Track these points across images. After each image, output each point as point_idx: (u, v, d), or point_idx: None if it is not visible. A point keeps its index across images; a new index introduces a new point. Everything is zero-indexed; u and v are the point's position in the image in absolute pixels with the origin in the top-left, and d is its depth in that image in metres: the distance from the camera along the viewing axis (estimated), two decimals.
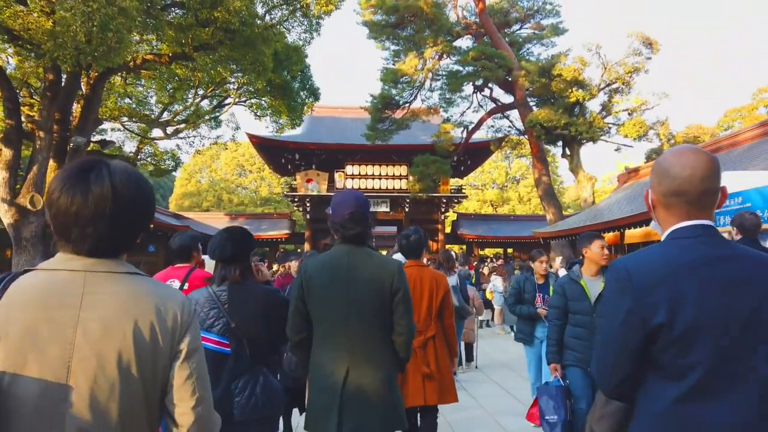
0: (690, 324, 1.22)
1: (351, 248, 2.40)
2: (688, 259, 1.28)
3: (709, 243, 1.30)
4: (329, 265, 2.38)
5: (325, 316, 2.34)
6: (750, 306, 1.23)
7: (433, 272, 3.81)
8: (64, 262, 1.13)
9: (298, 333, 2.40)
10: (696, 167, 1.32)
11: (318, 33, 15.82)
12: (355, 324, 2.30)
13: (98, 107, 12.45)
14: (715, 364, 1.21)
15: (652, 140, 17.51)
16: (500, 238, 29.95)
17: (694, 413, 1.22)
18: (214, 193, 49.12)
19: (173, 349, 1.16)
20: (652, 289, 1.26)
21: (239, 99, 19.06)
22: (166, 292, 1.21)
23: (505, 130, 23.50)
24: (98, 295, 1.11)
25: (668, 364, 1.25)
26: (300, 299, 2.37)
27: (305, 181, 26.65)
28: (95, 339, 1.07)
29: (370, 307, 2.32)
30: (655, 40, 15.84)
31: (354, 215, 2.38)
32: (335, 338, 2.32)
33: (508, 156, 52.31)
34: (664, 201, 1.36)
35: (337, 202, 2.46)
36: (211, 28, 10.67)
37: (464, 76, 19.83)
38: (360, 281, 2.33)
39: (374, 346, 2.33)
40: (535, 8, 21.65)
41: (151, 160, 22.03)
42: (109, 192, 1.11)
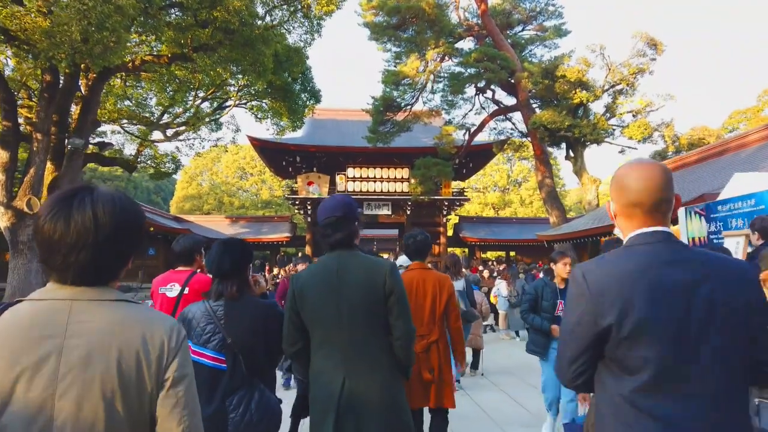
0: (637, 324, 1.32)
1: (340, 253, 2.35)
2: (640, 265, 1.38)
3: (662, 248, 1.40)
4: (319, 273, 2.33)
5: (318, 324, 2.29)
6: (698, 307, 1.32)
7: (436, 274, 3.70)
8: (51, 292, 1.14)
9: (293, 344, 2.36)
10: (650, 179, 1.42)
11: (319, 34, 15.69)
12: (348, 330, 2.23)
13: (97, 109, 12.31)
14: (665, 361, 1.31)
15: (656, 142, 17.34)
16: (502, 241, 29.74)
17: (647, 406, 1.32)
18: (215, 196, 49.01)
19: (159, 377, 1.14)
20: (604, 293, 1.37)
21: (240, 101, 18.92)
22: (152, 318, 1.19)
23: (508, 133, 23.36)
24: (83, 324, 1.10)
25: (622, 359, 1.36)
26: (293, 309, 2.32)
27: (306, 184, 26.51)
28: (78, 369, 1.07)
29: (363, 312, 2.24)
30: (659, 41, 15.67)
31: (330, 221, 2.34)
32: (329, 346, 2.26)
33: (509, 159, 52.30)
34: (624, 211, 1.48)
35: (319, 210, 2.43)
36: (210, 28, 10.54)
37: (466, 77, 19.68)
38: (350, 285, 2.26)
39: (370, 352, 2.26)
40: (537, 9, 21.53)
41: (151, 162, 21.89)
42: (90, 221, 1.11)
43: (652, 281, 1.35)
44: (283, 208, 44.01)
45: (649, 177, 1.43)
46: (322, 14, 14.68)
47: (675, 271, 1.35)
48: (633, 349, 1.34)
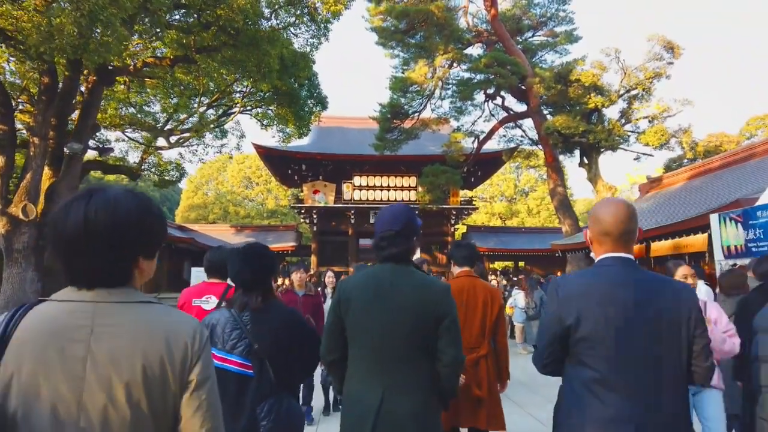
0: (592, 329, 1.72)
1: (393, 267, 2.23)
2: (600, 282, 1.78)
3: (620, 271, 1.78)
4: (369, 284, 2.22)
5: (360, 337, 2.19)
6: (643, 320, 1.69)
7: (486, 284, 3.53)
8: (75, 293, 1.15)
9: (332, 352, 2.28)
10: (617, 215, 1.81)
11: (326, 38, 15.30)
12: (391, 348, 2.12)
13: (96, 113, 11.92)
14: (613, 360, 1.68)
15: (673, 149, 16.78)
16: (512, 251, 29.17)
17: (598, 393, 1.69)
18: (220, 206, 48.82)
19: (183, 380, 1.15)
20: (569, 300, 1.79)
21: (245, 107, 18.55)
22: (176, 320, 1.19)
23: (518, 140, 22.89)
24: (108, 327, 1.11)
25: (579, 355, 1.75)
26: (337, 317, 2.24)
27: (312, 193, 26.11)
28: (104, 373, 1.07)
29: (410, 331, 2.12)
30: (677, 44, 15.19)
31: (388, 235, 2.24)
32: (369, 361, 2.17)
33: (516, 168, 51.92)
34: (597, 238, 1.87)
35: (377, 220, 2.34)
36: (213, 28, 10.15)
37: (476, 83, 19.25)
38: (400, 302, 2.14)
39: (413, 374, 2.13)
40: (548, 15, 21.13)
41: (155, 170, 21.56)
42: (80, 224, 1.11)
43: (606, 297, 1.73)
44: (289, 217, 43.68)
45: (616, 213, 1.82)
46: (329, 16, 14.31)
47: (626, 291, 1.72)
48: (588, 347, 1.72)
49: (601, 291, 1.74)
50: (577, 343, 1.74)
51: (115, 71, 11.46)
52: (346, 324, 2.21)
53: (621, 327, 1.68)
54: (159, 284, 22.48)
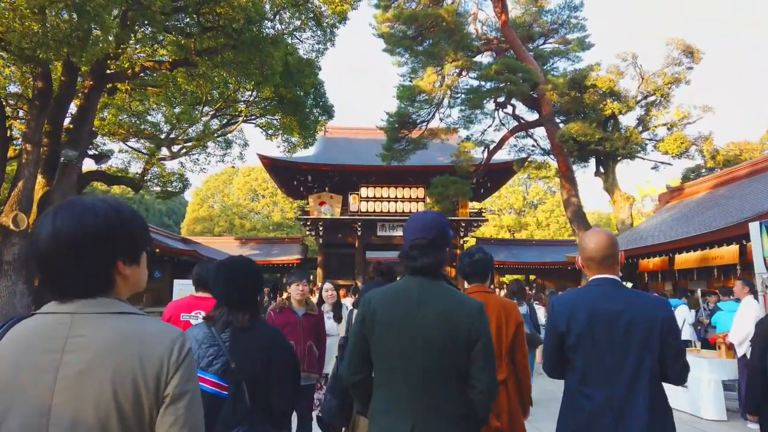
0: (578, 336, 2.15)
1: (423, 281, 2.05)
2: (587, 298, 2.22)
3: (605, 289, 2.22)
4: (397, 300, 2.05)
5: (386, 357, 2.02)
6: (621, 329, 2.10)
7: (501, 300, 3.10)
8: (56, 305, 1.13)
9: (356, 373, 2.10)
10: (598, 243, 2.27)
11: (332, 44, 14.87)
12: (421, 371, 1.94)
13: (93, 119, 11.47)
14: (596, 363, 2.11)
15: (693, 157, 16.08)
16: (523, 264, 28.45)
17: (584, 391, 2.13)
18: (226, 219, 48.50)
19: (158, 395, 1.08)
20: (561, 313, 2.25)
21: (249, 116, 18.12)
22: (153, 331, 1.13)
23: (529, 150, 22.30)
24: (80, 338, 1.08)
25: (572, 360, 2.19)
26: (361, 335, 2.06)
27: (318, 204, 25.60)
28: (73, 386, 1.04)
29: (441, 355, 1.94)
30: (696, 48, 14.58)
31: (420, 243, 2.06)
32: (396, 385, 1.98)
33: (525, 181, 51.37)
34: (584, 263, 2.34)
35: (407, 227, 2.17)
36: (213, 32, 9.70)
37: (486, 91, 18.72)
38: (431, 322, 1.96)
39: (444, 400, 1.96)
40: (559, 22, 20.64)
41: (158, 181, 21.14)
42: (50, 236, 1.11)
43: (591, 310, 2.17)
44: (295, 230, 43.22)
45: (597, 241, 2.28)
46: (335, 21, 13.88)
47: (608, 304, 2.16)
48: (577, 353, 2.17)
49: (587, 305, 2.16)
50: (569, 350, 2.17)
51: (113, 76, 11.03)
52: (371, 342, 2.03)
53: (601, 332, 2.10)
54: (161, 297, 21.97)
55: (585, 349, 2.12)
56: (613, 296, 2.16)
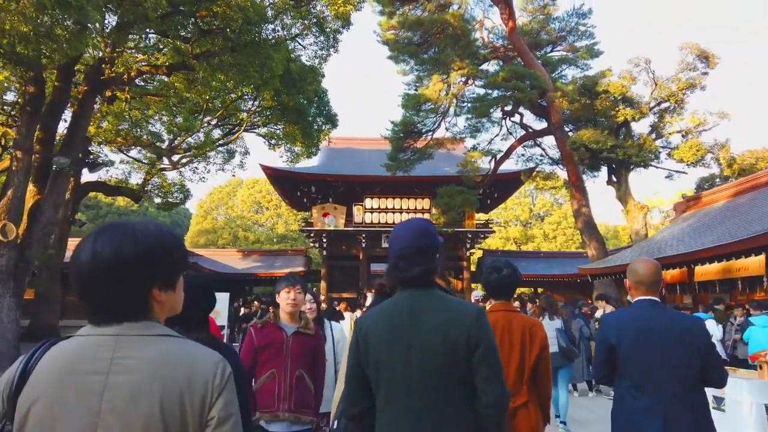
0: (627, 349, 2.51)
1: (414, 293, 1.87)
2: (633, 317, 2.61)
3: (649, 308, 2.58)
4: (387, 316, 1.87)
5: (383, 381, 1.81)
6: (665, 344, 2.46)
7: (525, 319, 2.94)
8: (95, 328, 1.13)
9: (355, 404, 1.90)
10: (649, 269, 2.63)
11: (335, 50, 14.51)
12: (420, 391, 1.74)
13: (87, 126, 11.08)
14: (645, 373, 2.46)
15: (709, 165, 15.51)
16: (531, 277, 27.78)
17: (636, 398, 2.47)
18: (230, 231, 48.16)
19: (203, 417, 1.09)
20: (611, 328, 2.64)
21: (251, 124, 17.76)
22: (197, 354, 1.15)
23: (537, 159, 21.81)
24: (127, 360, 1.08)
25: (622, 369, 2.55)
26: (356, 361, 1.90)
27: (322, 215, 25.12)
28: (121, 407, 1.04)
29: (439, 369, 1.74)
30: (711, 53, 14.11)
31: (408, 252, 1.88)
32: (396, 410, 1.78)
33: (531, 192, 50.88)
34: (633, 285, 2.69)
35: (392, 237, 1.99)
36: (212, 34, 9.31)
37: (493, 99, 18.29)
38: (425, 334, 1.77)
39: (448, 421, 1.73)
40: (567, 29, 20.26)
41: (159, 192, 20.78)
42: (90, 259, 1.11)
43: (638, 327, 2.54)
44: (299, 242, 42.76)
45: (649, 267, 2.64)
46: (338, 26, 13.52)
47: (653, 322, 2.52)
48: (626, 364, 2.52)
49: (635, 322, 2.58)
50: (619, 360, 2.56)
51: (108, 81, 10.65)
52: (366, 368, 1.88)
53: (648, 346, 2.49)
54: None
55: (634, 360, 2.50)
56: (656, 315, 2.54)
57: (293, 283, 3.22)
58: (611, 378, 2.64)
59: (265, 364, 3.03)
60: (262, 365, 3.04)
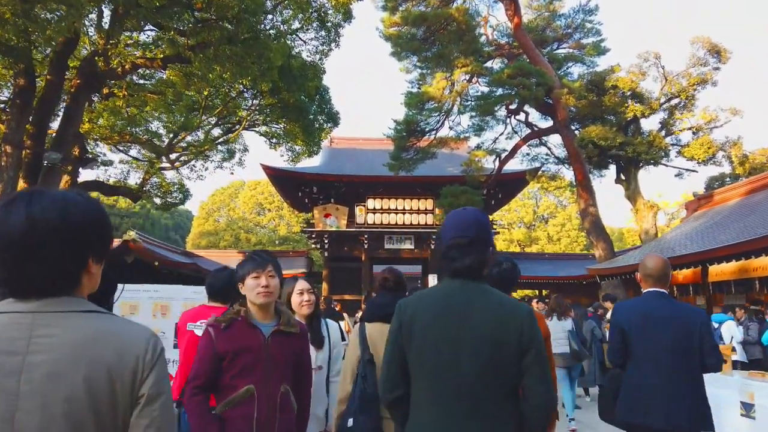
0: (633, 334, 2.90)
1: (465, 284, 1.83)
2: (642, 305, 2.98)
3: (656, 299, 2.94)
4: (437, 305, 1.82)
5: (426, 371, 1.78)
6: (669, 331, 2.83)
7: None
8: (11, 305, 1.04)
9: (394, 389, 1.85)
10: (658, 263, 2.99)
11: (337, 45, 14.17)
12: (467, 386, 1.72)
13: (80, 120, 10.75)
14: (649, 351, 2.85)
15: (721, 163, 15.10)
16: (535, 278, 27.34)
17: (638, 373, 2.89)
18: (231, 233, 47.96)
19: (133, 394, 1.04)
20: (621, 315, 3.07)
21: (251, 122, 17.43)
22: (125, 330, 1.08)
23: (542, 159, 21.42)
24: (47, 338, 1.01)
25: (633, 351, 2.92)
26: (397, 345, 1.84)
27: (323, 216, 24.76)
28: (42, 388, 0.98)
29: (488, 364, 1.71)
30: (723, 47, 13.72)
31: (461, 242, 1.85)
32: (439, 402, 1.74)
33: (535, 194, 50.51)
34: (643, 278, 3.05)
35: (444, 226, 1.97)
36: (208, 25, 8.99)
37: (498, 97, 17.91)
38: (477, 330, 1.72)
39: (492, 418, 1.72)
40: (573, 26, 19.90)
41: (158, 192, 20.45)
42: (24, 225, 1.00)
43: (645, 315, 2.93)
44: (301, 244, 42.45)
45: (657, 262, 3.01)
46: (339, 20, 13.20)
47: (658, 311, 2.89)
48: (635, 347, 2.91)
49: (642, 310, 2.96)
50: (629, 343, 2.94)
51: (102, 74, 10.34)
52: (408, 353, 1.82)
53: (653, 332, 2.87)
54: None
55: (640, 343, 2.88)
56: (662, 305, 2.89)
57: (261, 264, 2.25)
58: (624, 361, 2.99)
59: (236, 380, 2.18)
60: (230, 381, 2.19)
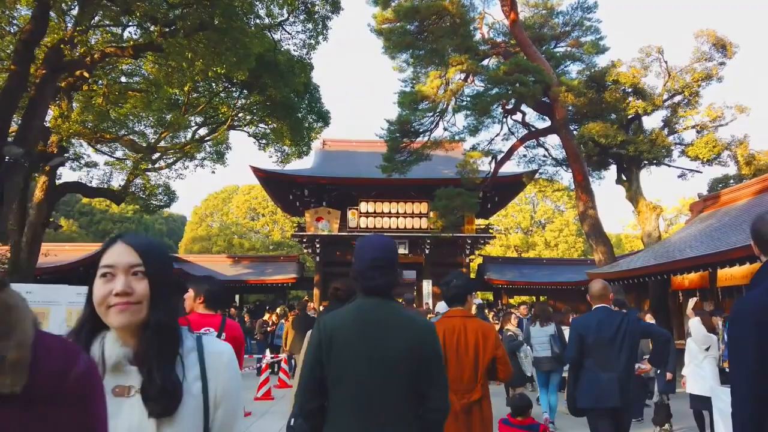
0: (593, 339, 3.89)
1: (379, 302, 2.03)
2: (595, 318, 3.99)
3: (605, 312, 4.00)
4: (355, 321, 2.00)
5: (344, 382, 1.93)
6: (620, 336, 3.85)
7: (479, 323, 3.33)
8: None
9: (311, 401, 1.98)
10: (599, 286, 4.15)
11: (324, 38, 13.53)
12: (379, 395, 1.89)
13: (45, 113, 10.04)
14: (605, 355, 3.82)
15: (726, 163, 14.44)
16: (533, 284, 26.69)
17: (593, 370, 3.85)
18: (224, 238, 47.18)
19: None
20: (579, 327, 4.09)
21: (236, 120, 16.76)
22: None
23: (540, 160, 20.78)
24: None
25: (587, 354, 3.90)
26: (316, 359, 1.96)
27: (315, 220, 24.07)
28: None
29: (401, 375, 1.91)
30: (729, 41, 13.12)
31: (377, 262, 2.06)
32: (355, 412, 1.91)
33: (533, 199, 49.97)
34: (590, 299, 4.13)
35: (360, 247, 2.17)
36: (180, 8, 8.33)
37: (494, 95, 17.26)
38: (390, 343, 1.94)
39: (402, 425, 1.92)
40: (572, 23, 19.31)
41: (142, 194, 19.70)
42: None
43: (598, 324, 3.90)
44: (295, 249, 41.71)
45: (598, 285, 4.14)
46: (327, 12, 12.55)
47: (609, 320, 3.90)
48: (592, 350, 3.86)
49: (596, 321, 3.92)
50: (585, 348, 3.88)
51: (69, 64, 9.66)
52: (327, 367, 1.93)
53: (606, 337, 3.83)
54: None
55: (597, 347, 3.86)
56: (609, 315, 3.97)
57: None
58: (580, 362, 3.90)
59: None
60: None
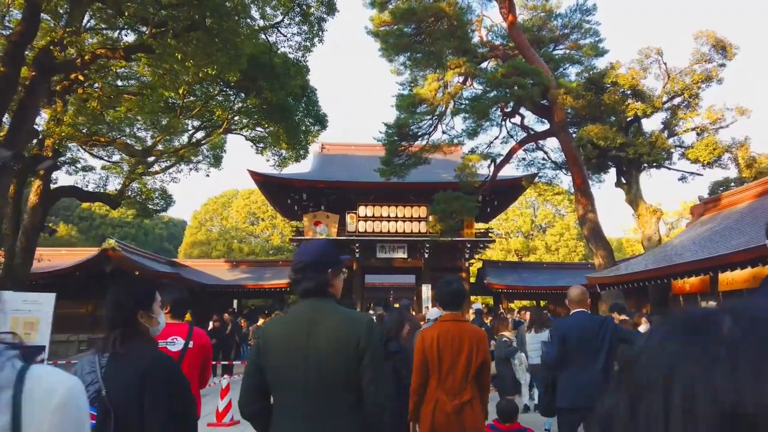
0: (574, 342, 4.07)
1: (313, 302, 2.08)
2: (575, 321, 4.21)
3: (583, 317, 4.21)
4: (287, 324, 2.08)
5: (281, 385, 1.99)
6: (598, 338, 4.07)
7: (473, 328, 3.50)
8: None
9: (250, 404, 2.06)
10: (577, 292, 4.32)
11: (320, 39, 13.40)
12: (315, 395, 1.91)
13: (35, 115, 9.90)
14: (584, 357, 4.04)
15: (726, 166, 14.28)
16: (533, 289, 26.45)
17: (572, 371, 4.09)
18: (224, 242, 47.01)
19: None
20: (560, 329, 4.31)
21: (231, 123, 16.62)
22: None
23: (539, 164, 20.62)
24: None
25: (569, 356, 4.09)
26: (255, 366, 2.04)
27: (313, 224, 23.91)
28: None
29: (333, 373, 1.92)
30: (729, 42, 12.97)
31: (299, 267, 2.12)
32: (293, 413, 1.95)
33: (533, 203, 49.82)
34: (569, 303, 4.35)
35: (295, 253, 2.32)
36: (171, 12, 8.21)
37: (492, 98, 17.13)
38: (321, 341, 1.96)
39: (340, 423, 1.92)
40: (570, 26, 19.19)
41: (138, 198, 19.57)
42: None
43: (578, 328, 4.11)
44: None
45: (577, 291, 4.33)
46: (322, 13, 12.43)
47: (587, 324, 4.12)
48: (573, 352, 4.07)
49: (576, 325, 4.11)
50: (568, 350, 4.06)
51: (59, 65, 9.53)
52: (266, 371, 2.01)
53: (585, 340, 4.04)
54: None
55: (577, 349, 4.04)
56: (589, 320, 4.17)
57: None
58: (561, 363, 4.11)
59: None
60: None
